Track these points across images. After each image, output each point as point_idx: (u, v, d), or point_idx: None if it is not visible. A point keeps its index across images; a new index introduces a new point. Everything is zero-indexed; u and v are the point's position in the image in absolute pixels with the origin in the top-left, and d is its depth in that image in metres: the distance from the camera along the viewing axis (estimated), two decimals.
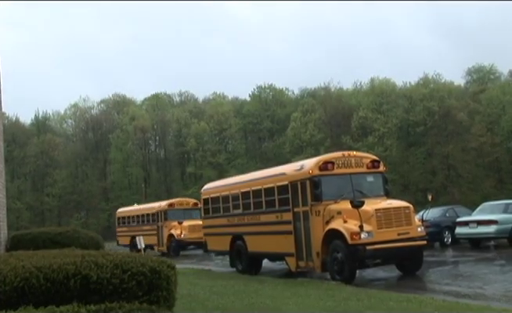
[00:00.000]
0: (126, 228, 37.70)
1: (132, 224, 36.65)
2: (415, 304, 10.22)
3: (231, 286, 13.95)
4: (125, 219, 38.38)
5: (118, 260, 5.72)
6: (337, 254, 14.46)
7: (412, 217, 14.77)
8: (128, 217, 38.01)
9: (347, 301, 10.74)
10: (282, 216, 16.47)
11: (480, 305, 10.28)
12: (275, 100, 79.65)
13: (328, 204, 14.98)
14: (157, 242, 32.84)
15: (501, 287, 12.73)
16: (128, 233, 36.30)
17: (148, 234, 32.23)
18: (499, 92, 66.46)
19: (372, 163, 16.17)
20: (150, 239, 32.03)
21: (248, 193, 18.42)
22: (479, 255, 19.83)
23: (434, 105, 65.98)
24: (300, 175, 15.89)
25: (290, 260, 16.35)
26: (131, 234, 35.29)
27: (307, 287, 13.23)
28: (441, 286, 13.37)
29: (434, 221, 23.72)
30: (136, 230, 34.65)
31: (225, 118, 76.13)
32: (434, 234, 23.05)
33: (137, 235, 29.64)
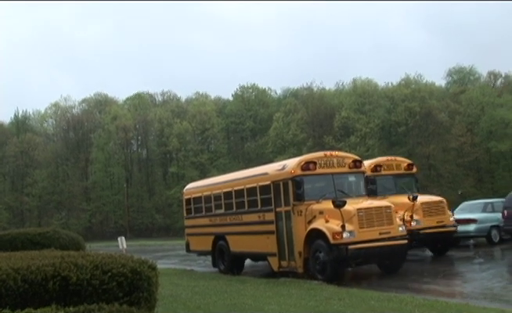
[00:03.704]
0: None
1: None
2: (395, 302, 10.30)
3: (213, 286, 13.93)
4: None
5: (98, 261, 5.67)
6: (319, 254, 14.51)
7: (393, 217, 14.89)
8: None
9: (328, 301, 10.78)
10: (264, 216, 16.47)
11: (459, 303, 10.39)
12: (258, 100, 79.63)
13: (310, 204, 15.04)
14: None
15: (480, 285, 12.88)
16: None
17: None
18: (478, 93, 67.19)
19: (354, 163, 16.26)
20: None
21: (230, 193, 18.40)
22: (458, 254, 20.06)
23: (415, 105, 66.49)
24: (282, 175, 15.91)
25: (272, 260, 16.35)
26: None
27: (289, 287, 13.26)
28: (421, 285, 13.49)
29: None
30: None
31: (207, 118, 75.93)
32: None
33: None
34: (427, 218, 18.30)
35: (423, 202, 18.41)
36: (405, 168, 20.38)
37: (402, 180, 20.21)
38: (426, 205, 18.59)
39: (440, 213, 18.74)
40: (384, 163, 20.01)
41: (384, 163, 20.10)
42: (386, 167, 19.97)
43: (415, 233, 17.50)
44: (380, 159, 20.83)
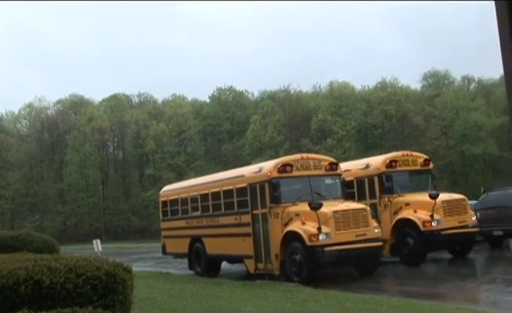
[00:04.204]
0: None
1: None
2: (371, 304, 10.39)
3: (189, 289, 13.89)
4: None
5: (72, 265, 5.59)
6: (295, 256, 14.57)
7: (369, 219, 15.02)
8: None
9: (305, 303, 10.83)
10: (241, 218, 16.47)
11: (432, 304, 10.51)
12: (235, 102, 79.56)
13: (287, 206, 15.09)
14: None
15: (453, 286, 13.06)
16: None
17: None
18: (452, 97, 68.12)
19: (330, 165, 16.35)
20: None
21: (207, 195, 18.36)
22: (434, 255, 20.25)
23: (391, 108, 67.16)
24: (259, 177, 15.94)
25: (248, 262, 16.36)
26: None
27: (265, 289, 13.26)
28: (396, 286, 13.64)
29: None
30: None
31: (184, 120, 75.61)
32: None
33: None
34: (448, 218, 16.91)
35: (443, 200, 17.12)
36: (422, 164, 18.96)
37: (418, 176, 19.00)
38: (447, 203, 17.21)
39: (461, 212, 17.37)
40: (399, 159, 18.57)
41: (400, 158, 18.68)
42: (401, 162, 18.47)
43: (435, 234, 16.52)
44: (396, 154, 19.46)
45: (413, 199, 17.23)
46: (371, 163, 18.59)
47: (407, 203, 17.29)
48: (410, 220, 16.88)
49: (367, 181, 18.20)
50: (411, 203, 17.20)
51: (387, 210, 17.61)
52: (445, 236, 16.57)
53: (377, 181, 17.91)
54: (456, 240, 17.28)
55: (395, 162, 18.22)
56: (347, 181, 17.70)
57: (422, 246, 16.71)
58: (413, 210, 16.95)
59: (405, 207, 17.25)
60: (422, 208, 16.81)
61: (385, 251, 16.95)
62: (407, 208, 17.19)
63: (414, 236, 16.76)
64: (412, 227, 16.82)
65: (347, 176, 17.74)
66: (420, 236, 16.58)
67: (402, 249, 17.18)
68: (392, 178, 17.78)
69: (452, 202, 17.49)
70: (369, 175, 18.18)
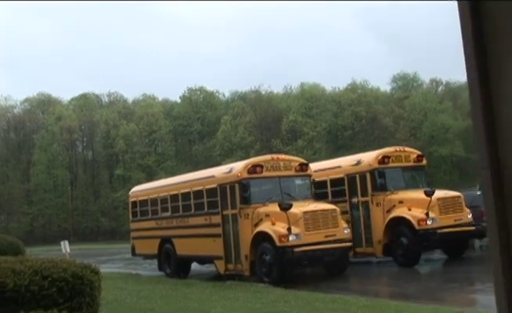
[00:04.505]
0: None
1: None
2: (340, 303, 10.50)
3: (159, 290, 13.81)
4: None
5: (38, 266, 5.51)
6: (265, 257, 14.62)
7: (338, 220, 15.15)
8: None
9: (274, 303, 10.88)
10: (211, 219, 16.47)
11: (400, 304, 10.66)
12: (206, 102, 79.32)
13: (257, 207, 15.14)
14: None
15: (420, 286, 13.27)
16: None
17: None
18: (421, 99, 69.22)
19: (300, 166, 16.45)
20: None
21: (177, 196, 18.30)
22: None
23: (361, 110, 67.85)
24: (229, 178, 15.96)
25: (218, 263, 16.36)
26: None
27: (235, 290, 13.28)
28: (365, 286, 13.79)
29: None
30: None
31: (154, 120, 75.06)
32: None
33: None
34: (443, 216, 16.14)
35: (439, 197, 16.37)
36: (415, 160, 18.30)
37: (411, 173, 18.32)
38: (442, 201, 16.46)
39: (457, 210, 16.65)
40: (392, 155, 17.85)
41: (392, 154, 17.97)
42: (394, 158, 17.74)
43: (431, 233, 15.79)
44: (388, 149, 18.81)
45: (407, 197, 16.60)
46: (362, 160, 17.89)
47: (401, 200, 16.59)
48: (404, 218, 16.17)
49: (358, 177, 17.45)
50: (405, 200, 16.51)
51: (379, 208, 16.84)
52: (441, 235, 15.85)
53: (369, 177, 17.18)
54: (452, 239, 16.54)
55: (388, 158, 17.56)
56: (338, 178, 17.49)
57: (416, 246, 16.04)
58: (407, 208, 16.23)
59: (398, 205, 16.52)
60: (416, 206, 16.15)
61: (378, 251, 16.66)
62: (401, 206, 16.47)
63: (408, 236, 16.00)
64: (406, 226, 16.11)
65: (337, 173, 17.58)
66: (414, 235, 15.85)
67: (395, 249, 16.41)
68: (385, 175, 17.20)
69: (448, 199, 16.88)
70: (361, 172, 17.42)
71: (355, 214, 17.49)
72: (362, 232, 17.19)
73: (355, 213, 17.53)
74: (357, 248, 17.03)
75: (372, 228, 16.86)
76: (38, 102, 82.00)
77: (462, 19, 1.95)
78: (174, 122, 77.99)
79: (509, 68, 1.83)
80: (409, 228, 16.02)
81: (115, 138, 74.42)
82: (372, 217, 16.94)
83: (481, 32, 1.91)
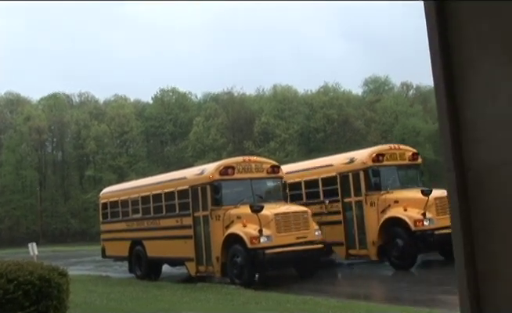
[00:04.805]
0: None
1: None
2: (311, 304, 10.56)
3: (129, 293, 13.70)
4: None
5: (3, 270, 5.41)
6: (236, 258, 14.62)
7: (310, 221, 15.21)
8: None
9: (245, 305, 10.89)
10: (182, 220, 16.41)
11: (369, 305, 10.77)
12: (178, 104, 78.99)
13: (228, 209, 15.13)
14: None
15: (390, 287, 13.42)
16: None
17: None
18: (392, 102, 70.15)
19: (272, 168, 16.51)
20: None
21: (148, 197, 18.21)
22: None
23: (333, 113, 68.38)
24: (200, 180, 15.93)
25: (189, 265, 16.31)
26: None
27: (206, 292, 13.25)
28: (335, 288, 13.89)
29: None
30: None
31: (126, 121, 74.43)
32: None
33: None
34: (441, 216, 15.15)
35: (436, 197, 15.35)
36: (410, 158, 17.56)
37: (406, 172, 17.62)
38: (440, 201, 15.34)
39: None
40: (386, 152, 17.05)
41: (387, 151, 17.15)
42: (389, 156, 16.94)
43: (428, 234, 15.07)
44: (382, 147, 18.07)
45: (403, 196, 15.84)
46: (356, 157, 17.08)
47: (396, 200, 15.71)
48: (400, 219, 15.32)
49: (352, 176, 16.60)
50: (400, 200, 15.64)
51: (373, 208, 15.99)
52: (439, 237, 14.89)
53: (363, 176, 16.31)
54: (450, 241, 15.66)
55: (382, 156, 16.74)
56: (330, 176, 16.90)
57: (413, 248, 15.30)
58: (403, 208, 15.41)
59: (393, 205, 15.65)
60: (412, 206, 15.42)
61: (372, 253, 15.96)
62: (396, 206, 15.61)
63: (404, 237, 15.20)
64: (402, 227, 15.29)
65: (329, 171, 17.00)
66: (410, 237, 15.13)
67: (390, 251, 15.60)
68: (379, 173, 16.25)
69: (446, 199, 15.63)
70: (354, 170, 16.59)
71: (348, 215, 16.76)
72: (355, 233, 16.44)
73: (347, 213, 16.77)
74: (350, 250, 16.55)
75: (366, 229, 16.10)
76: (6, 101, 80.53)
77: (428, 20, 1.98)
78: (146, 123, 77.47)
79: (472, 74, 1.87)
80: (404, 229, 15.25)
81: (86, 138, 73.56)
82: (366, 217, 16.16)
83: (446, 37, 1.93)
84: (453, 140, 1.92)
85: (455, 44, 1.91)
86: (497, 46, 1.78)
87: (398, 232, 15.40)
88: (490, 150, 1.81)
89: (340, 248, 16.87)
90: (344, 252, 16.83)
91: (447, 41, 1.93)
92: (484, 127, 1.83)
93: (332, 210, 16.93)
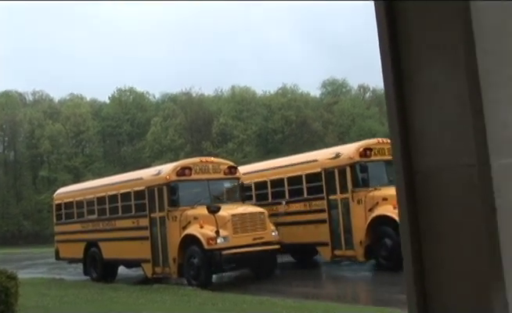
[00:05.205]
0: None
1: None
2: (267, 305, 10.61)
3: (84, 295, 13.51)
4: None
5: None
6: (193, 260, 14.59)
7: (266, 222, 15.28)
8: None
9: (202, 306, 10.89)
10: (138, 221, 16.29)
11: (327, 304, 10.89)
12: (136, 104, 78.05)
13: (185, 210, 15.10)
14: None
15: (347, 287, 13.59)
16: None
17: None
18: (349, 105, 71.13)
19: (229, 169, 16.54)
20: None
21: (104, 198, 18.01)
22: None
23: (291, 114, 68.84)
24: (157, 180, 15.84)
25: (146, 266, 16.19)
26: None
27: (163, 293, 13.18)
28: (292, 288, 13.97)
29: None
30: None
31: (82, 120, 73.09)
32: None
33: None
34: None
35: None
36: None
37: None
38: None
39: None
40: (374, 147, 16.08)
41: (375, 146, 16.16)
42: (377, 151, 15.94)
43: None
44: (370, 141, 17.10)
45: (392, 193, 13.82)
46: (342, 152, 16.23)
47: (384, 197, 14.67)
48: (388, 217, 14.32)
49: (337, 172, 15.73)
50: (389, 197, 14.34)
51: (360, 205, 15.13)
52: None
53: (350, 172, 15.43)
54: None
55: (370, 150, 15.80)
56: (314, 172, 16.11)
57: None
58: (392, 205, 14.13)
59: (382, 203, 14.77)
60: None
61: (359, 254, 15.07)
62: (385, 203, 14.65)
63: (393, 236, 14.14)
64: (390, 226, 14.25)
65: (313, 167, 16.18)
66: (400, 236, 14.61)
67: (378, 251, 14.86)
68: (367, 169, 15.26)
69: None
70: (340, 166, 15.73)
71: (334, 213, 15.84)
72: (341, 232, 15.61)
73: (333, 211, 15.87)
74: (336, 251, 15.71)
75: (352, 228, 15.27)
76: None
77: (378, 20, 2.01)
78: (102, 123, 76.29)
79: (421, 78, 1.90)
80: (393, 228, 14.03)
81: (40, 138, 71.90)
82: (352, 215, 15.33)
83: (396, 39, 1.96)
84: (402, 143, 1.96)
85: (404, 46, 1.93)
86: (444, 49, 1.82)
87: (387, 232, 14.49)
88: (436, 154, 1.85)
89: (325, 248, 15.99)
90: (329, 253, 15.91)
91: (397, 43, 1.96)
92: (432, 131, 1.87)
93: (316, 209, 16.08)
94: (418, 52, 1.89)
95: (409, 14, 1.90)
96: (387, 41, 1.97)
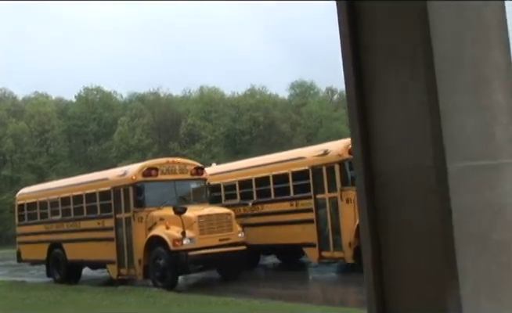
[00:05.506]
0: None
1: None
2: (232, 306, 10.63)
3: (46, 297, 13.31)
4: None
5: None
6: (159, 261, 14.51)
7: (233, 223, 15.29)
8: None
9: (168, 307, 10.85)
10: (104, 222, 16.15)
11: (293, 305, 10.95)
12: (103, 103, 77.09)
13: (151, 211, 15.01)
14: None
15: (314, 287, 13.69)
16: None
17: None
18: (317, 107, 71.67)
19: (196, 170, 16.51)
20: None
21: (68, 199, 17.78)
22: None
23: (259, 115, 68.99)
24: (123, 181, 15.72)
25: (111, 267, 16.05)
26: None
27: (128, 295, 13.07)
28: (259, 289, 14.02)
29: None
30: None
31: (47, 119, 71.84)
32: None
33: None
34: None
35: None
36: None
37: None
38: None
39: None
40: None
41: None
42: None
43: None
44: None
45: None
46: (330, 149, 15.51)
47: None
48: None
49: (325, 170, 15.07)
50: None
51: (350, 205, 14.36)
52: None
53: (339, 170, 14.75)
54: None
55: None
56: (301, 170, 15.47)
57: None
58: None
59: None
60: None
61: (348, 256, 14.34)
62: None
63: None
64: None
65: (300, 165, 15.61)
66: None
67: None
68: None
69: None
70: (329, 163, 15.04)
71: (321, 213, 15.12)
72: (329, 233, 14.92)
73: (321, 211, 15.16)
74: (323, 252, 15.00)
75: (341, 228, 14.59)
76: None
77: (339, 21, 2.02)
78: (68, 122, 75.15)
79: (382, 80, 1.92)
80: None
81: (2, 136, 70.38)
82: (341, 215, 14.65)
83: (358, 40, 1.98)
84: (363, 145, 1.98)
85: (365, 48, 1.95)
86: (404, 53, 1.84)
87: None
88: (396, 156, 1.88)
89: (312, 250, 15.29)
90: (316, 254, 15.19)
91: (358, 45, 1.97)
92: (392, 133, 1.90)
93: (303, 208, 15.45)
94: (379, 55, 1.91)
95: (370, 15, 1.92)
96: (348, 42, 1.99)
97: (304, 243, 15.36)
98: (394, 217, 1.88)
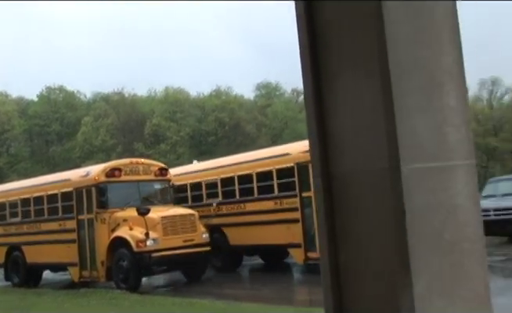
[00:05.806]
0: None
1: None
2: (197, 307, 10.61)
3: (4, 301, 13.08)
4: None
5: None
6: (122, 262, 14.36)
7: (197, 224, 15.22)
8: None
9: (130, 309, 10.77)
10: (65, 224, 15.91)
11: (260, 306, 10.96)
12: (66, 103, 75.81)
13: (114, 212, 14.86)
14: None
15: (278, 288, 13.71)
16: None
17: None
18: (283, 108, 72.02)
19: (160, 170, 16.41)
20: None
21: (28, 200, 17.41)
22: None
23: (225, 116, 68.92)
24: (85, 182, 15.50)
25: (72, 270, 15.81)
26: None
27: (90, 297, 12.89)
28: (223, 290, 13.99)
29: None
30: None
31: (7, 118, 70.24)
32: None
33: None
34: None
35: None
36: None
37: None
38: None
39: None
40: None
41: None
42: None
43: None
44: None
45: None
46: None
47: None
48: None
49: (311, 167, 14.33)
50: None
51: None
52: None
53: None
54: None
55: None
56: (287, 167, 14.73)
57: None
58: None
59: None
60: None
61: None
62: None
63: None
64: None
65: (285, 162, 14.90)
66: None
67: None
68: None
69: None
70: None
71: (307, 212, 14.10)
72: (314, 233, 13.64)
73: (306, 210, 14.19)
74: (309, 253, 14.24)
75: None
76: None
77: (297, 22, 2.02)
78: (29, 121, 73.64)
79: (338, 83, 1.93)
80: None
81: None
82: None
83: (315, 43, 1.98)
84: (320, 147, 1.98)
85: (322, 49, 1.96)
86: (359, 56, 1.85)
87: None
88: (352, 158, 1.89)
89: (298, 250, 14.67)
90: (301, 255, 14.54)
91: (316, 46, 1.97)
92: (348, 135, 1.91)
93: (288, 207, 14.81)
94: (336, 56, 1.91)
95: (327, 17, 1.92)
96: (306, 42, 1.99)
97: (289, 244, 14.85)
98: (350, 219, 1.89)
